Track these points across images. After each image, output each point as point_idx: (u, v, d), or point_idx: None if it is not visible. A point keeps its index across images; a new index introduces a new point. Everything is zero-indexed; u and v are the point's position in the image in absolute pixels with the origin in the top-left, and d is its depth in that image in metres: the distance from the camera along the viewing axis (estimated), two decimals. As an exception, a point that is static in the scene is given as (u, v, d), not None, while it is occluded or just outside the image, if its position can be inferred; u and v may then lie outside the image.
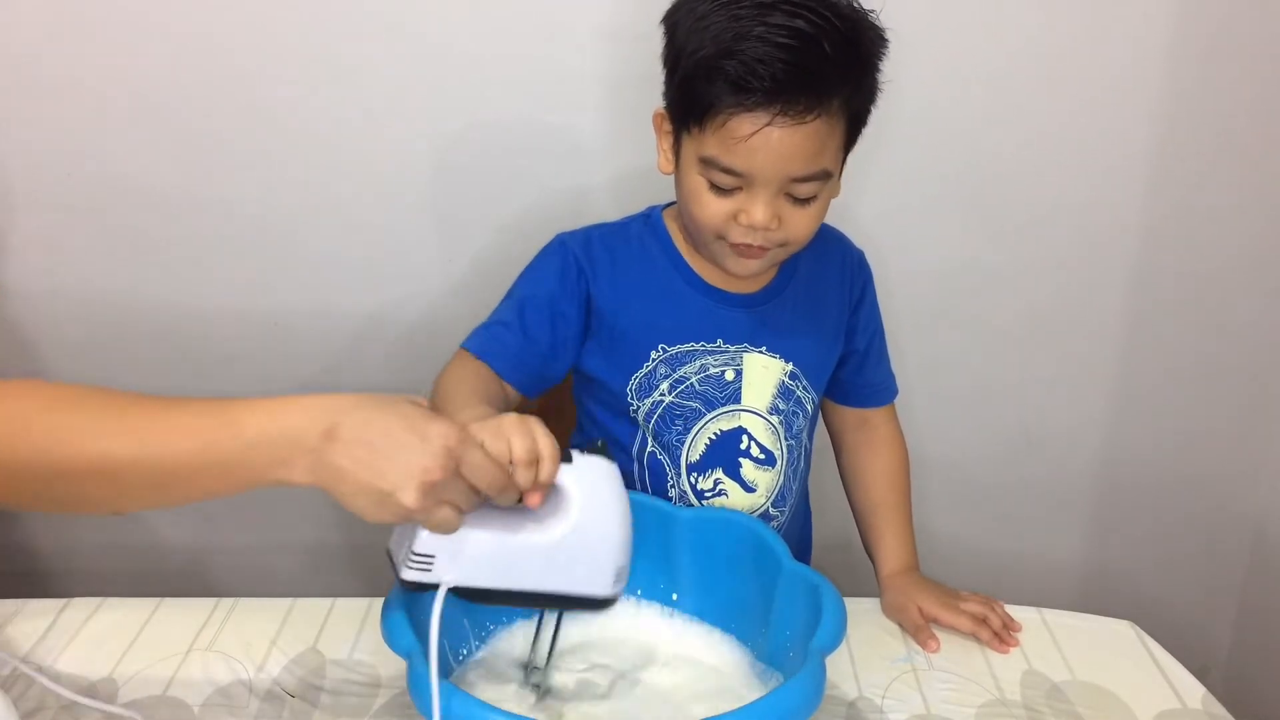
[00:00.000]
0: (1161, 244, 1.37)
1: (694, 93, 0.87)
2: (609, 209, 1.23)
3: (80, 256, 1.33)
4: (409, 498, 0.66)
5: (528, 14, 1.22)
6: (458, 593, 0.72)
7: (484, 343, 0.98)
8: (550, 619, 0.82)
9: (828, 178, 0.90)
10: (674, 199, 0.98)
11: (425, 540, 0.70)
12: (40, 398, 0.69)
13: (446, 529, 0.69)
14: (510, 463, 0.70)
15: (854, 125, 0.90)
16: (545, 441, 0.71)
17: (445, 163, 1.30)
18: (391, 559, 0.74)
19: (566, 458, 0.73)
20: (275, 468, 0.67)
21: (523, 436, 0.71)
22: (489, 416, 0.74)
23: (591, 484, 0.74)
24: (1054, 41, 1.26)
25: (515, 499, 0.72)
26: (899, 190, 1.32)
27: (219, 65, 1.24)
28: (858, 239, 1.11)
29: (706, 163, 0.89)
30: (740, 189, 0.89)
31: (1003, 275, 1.39)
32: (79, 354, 1.38)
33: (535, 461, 0.71)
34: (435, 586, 0.71)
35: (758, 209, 0.89)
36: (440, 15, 1.22)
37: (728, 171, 0.88)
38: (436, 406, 0.72)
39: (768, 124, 0.84)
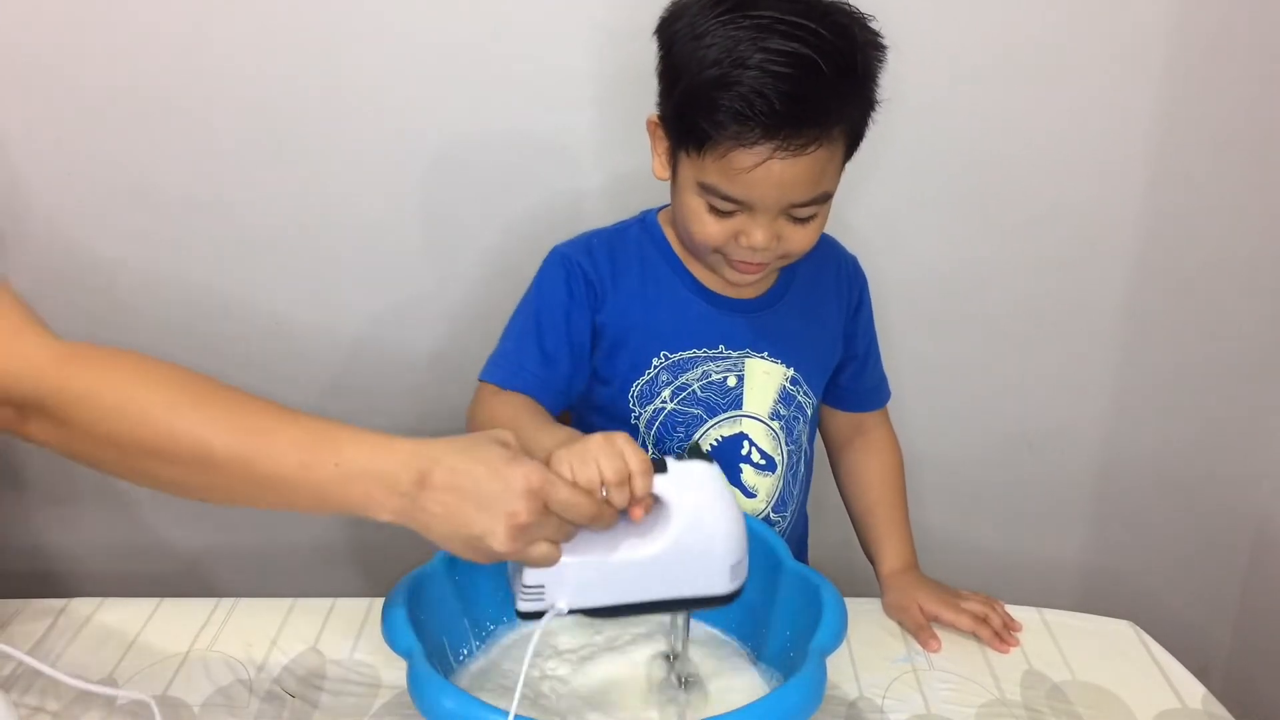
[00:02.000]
0: (1161, 244, 1.37)
1: (693, 121, 0.86)
2: (607, 209, 1.23)
3: (80, 256, 1.33)
4: (499, 543, 0.68)
5: (526, 14, 1.22)
6: (577, 612, 0.73)
7: (508, 374, 0.97)
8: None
9: (827, 198, 0.90)
10: (669, 201, 0.98)
11: (531, 573, 0.72)
12: (161, 378, 0.72)
13: (546, 563, 0.70)
14: (602, 484, 0.70)
15: (853, 142, 0.90)
16: (635, 457, 0.71)
17: (444, 163, 1.30)
18: (510, 587, 0.75)
19: (661, 468, 0.73)
20: (365, 504, 0.70)
21: (610, 458, 0.71)
22: (572, 440, 0.74)
23: (691, 489, 0.73)
24: (1053, 41, 1.26)
25: (615, 521, 0.72)
26: (897, 190, 1.32)
27: (219, 66, 1.24)
28: (856, 240, 1.11)
29: (706, 188, 0.89)
30: (740, 212, 0.89)
31: (1002, 275, 1.39)
32: (79, 354, 1.38)
33: (627, 480, 0.71)
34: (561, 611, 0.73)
35: (757, 232, 0.89)
36: (440, 16, 1.22)
37: (728, 199, 0.88)
38: (521, 441, 0.73)
39: (769, 158, 0.84)
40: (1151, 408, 1.47)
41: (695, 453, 0.76)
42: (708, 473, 0.74)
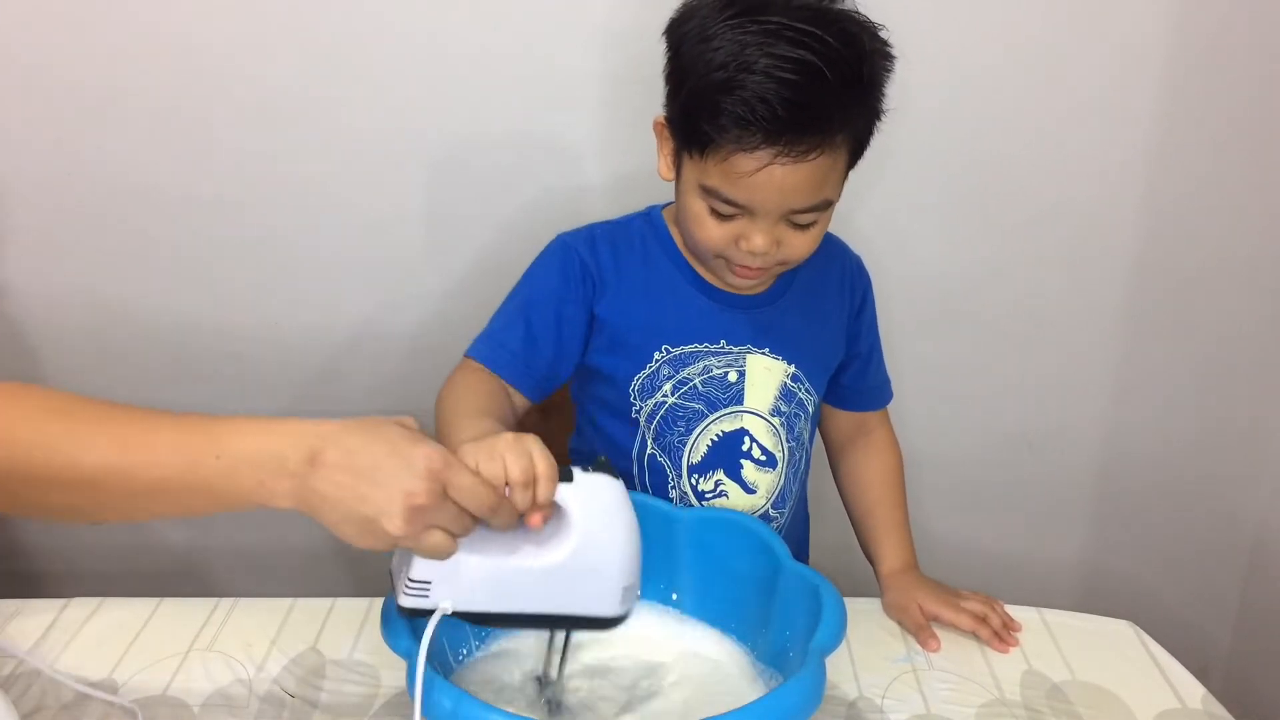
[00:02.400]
0: (1161, 244, 1.37)
1: (697, 123, 0.86)
2: (608, 208, 1.23)
3: (80, 257, 1.33)
4: (393, 524, 0.65)
5: (528, 14, 1.22)
6: (460, 615, 0.71)
7: (489, 350, 0.97)
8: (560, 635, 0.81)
9: (829, 205, 0.91)
10: (673, 199, 0.98)
11: (420, 567, 0.69)
12: (26, 404, 0.69)
13: (438, 554, 0.68)
14: (506, 484, 0.69)
15: (857, 151, 0.90)
16: (542, 461, 0.69)
17: (444, 163, 1.30)
18: (392, 582, 0.73)
19: (568, 476, 0.71)
20: (257, 491, 0.66)
21: (518, 456, 0.69)
22: (486, 435, 0.72)
23: (594, 503, 0.72)
24: (1053, 42, 1.26)
25: (513, 522, 0.70)
26: (899, 191, 1.32)
27: (219, 66, 1.24)
28: (857, 240, 1.11)
29: (708, 191, 0.89)
30: (741, 216, 0.89)
31: (1002, 275, 1.39)
32: (77, 354, 1.38)
33: (532, 482, 0.69)
34: (433, 612, 0.70)
35: (758, 237, 0.89)
36: (440, 16, 1.22)
37: (729, 203, 0.88)
38: (438, 423, 0.71)
39: (770, 163, 0.84)
40: (1151, 408, 1.47)
41: (603, 467, 0.73)
42: (613, 489, 0.72)
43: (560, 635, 0.80)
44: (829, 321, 1.07)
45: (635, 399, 1.01)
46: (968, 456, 1.50)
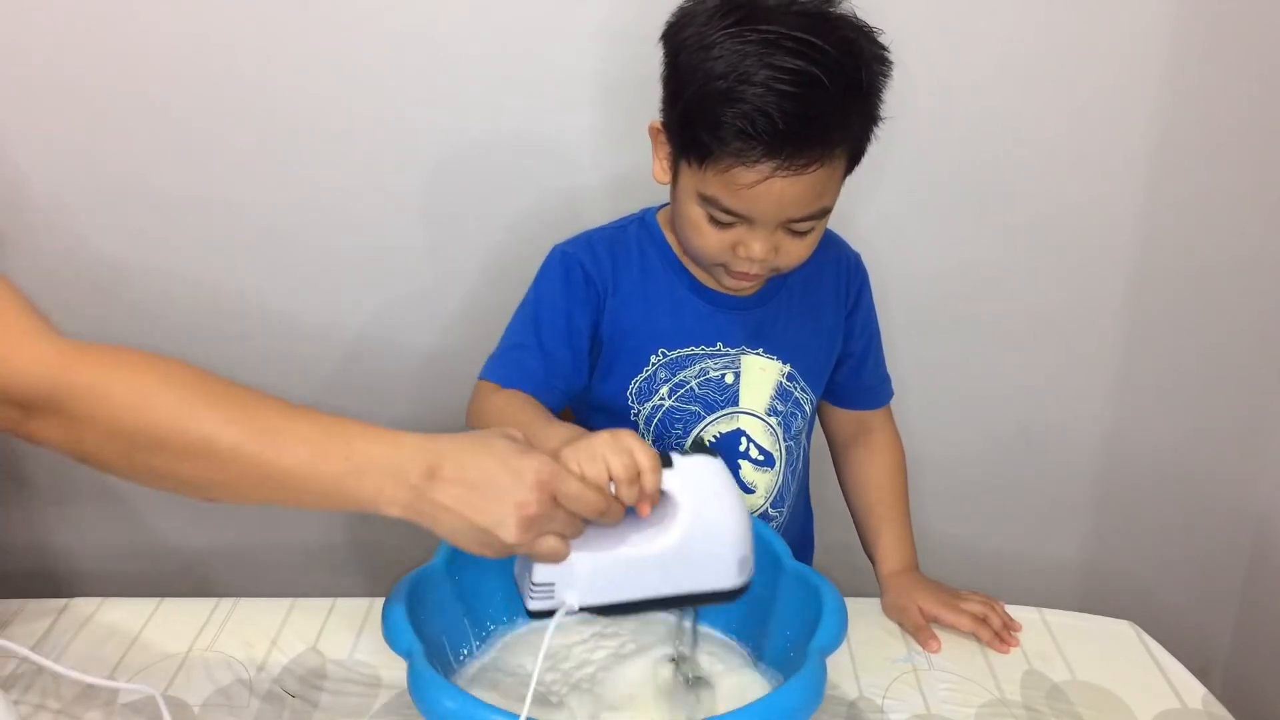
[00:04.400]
0: (1161, 244, 1.37)
1: (696, 133, 0.85)
2: (606, 208, 1.23)
3: (80, 256, 1.33)
4: (508, 534, 0.68)
5: (527, 14, 1.22)
6: (586, 610, 0.73)
7: (507, 372, 0.97)
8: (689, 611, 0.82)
9: (826, 213, 0.91)
10: (669, 200, 0.98)
11: (541, 570, 0.71)
12: (171, 374, 0.71)
13: (554, 558, 0.70)
14: (610, 480, 0.71)
15: (855, 157, 0.90)
16: (643, 453, 0.72)
17: (444, 162, 1.30)
18: (518, 587, 0.75)
19: (667, 462, 0.73)
20: (374, 498, 0.69)
21: (618, 453, 0.71)
22: (578, 437, 0.74)
23: (697, 484, 0.74)
24: (1053, 42, 1.26)
25: (621, 517, 0.72)
26: (898, 191, 1.32)
27: (219, 66, 1.24)
28: (857, 240, 1.11)
29: (706, 200, 0.88)
30: (739, 224, 0.89)
31: (1002, 275, 1.39)
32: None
33: (637, 476, 0.71)
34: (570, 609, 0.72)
35: (756, 245, 0.89)
36: (440, 17, 1.22)
37: (728, 212, 0.88)
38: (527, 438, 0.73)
39: (770, 176, 0.84)
40: (1151, 407, 1.47)
41: (699, 447, 0.76)
42: (713, 467, 0.74)
43: (687, 614, 0.81)
44: (825, 320, 1.07)
45: (633, 402, 1.01)
46: (968, 456, 1.50)
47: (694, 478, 0.74)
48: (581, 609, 0.73)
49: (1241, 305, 1.40)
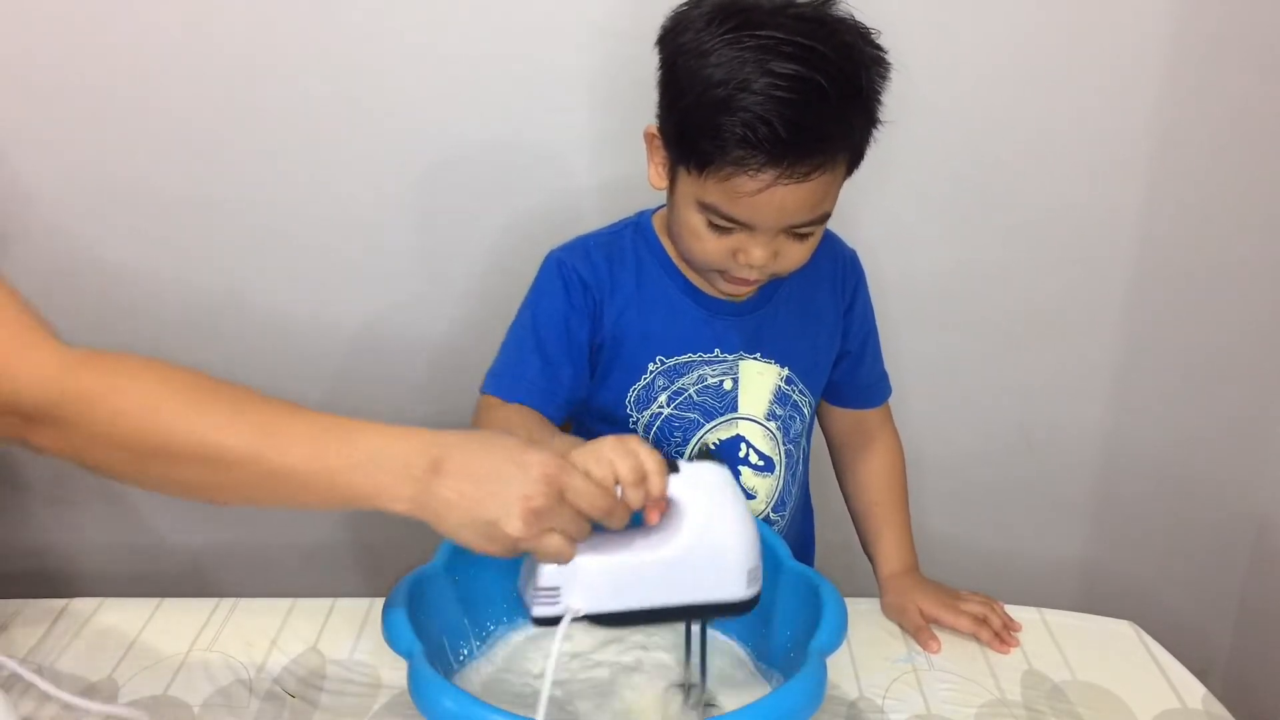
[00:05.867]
0: (1161, 244, 1.37)
1: (695, 141, 0.85)
2: (603, 209, 1.23)
3: (80, 256, 1.33)
4: (513, 526, 0.67)
5: (523, 16, 1.22)
6: (591, 618, 0.72)
7: (509, 385, 0.96)
8: (695, 629, 0.80)
9: (827, 217, 0.90)
10: (664, 203, 0.98)
11: (547, 574, 0.71)
12: (167, 377, 0.71)
13: (558, 558, 0.70)
14: (617, 484, 0.70)
15: (855, 161, 0.90)
16: (649, 458, 0.71)
17: (441, 163, 1.30)
18: (523, 600, 0.74)
19: (673, 468, 0.72)
20: (378, 494, 0.69)
21: (625, 456, 0.70)
22: (582, 443, 0.73)
23: (703, 491, 0.73)
24: (1053, 41, 1.26)
25: (626, 521, 0.71)
26: (898, 190, 1.32)
27: (218, 68, 1.24)
28: (857, 240, 1.11)
29: (706, 207, 0.88)
30: (739, 230, 0.88)
31: (1002, 275, 1.39)
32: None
33: (643, 480, 0.71)
34: (574, 618, 0.71)
35: (756, 251, 0.89)
36: (437, 18, 1.22)
37: (728, 219, 0.87)
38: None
39: (772, 184, 0.83)
40: (1151, 408, 1.47)
41: (704, 454, 0.75)
42: (719, 474, 0.74)
43: (696, 641, 0.80)
44: (823, 320, 1.07)
45: (631, 411, 1.01)
46: (968, 456, 1.50)
47: (700, 484, 0.73)
48: (587, 617, 0.72)
49: (1241, 305, 1.40)
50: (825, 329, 1.07)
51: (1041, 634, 0.98)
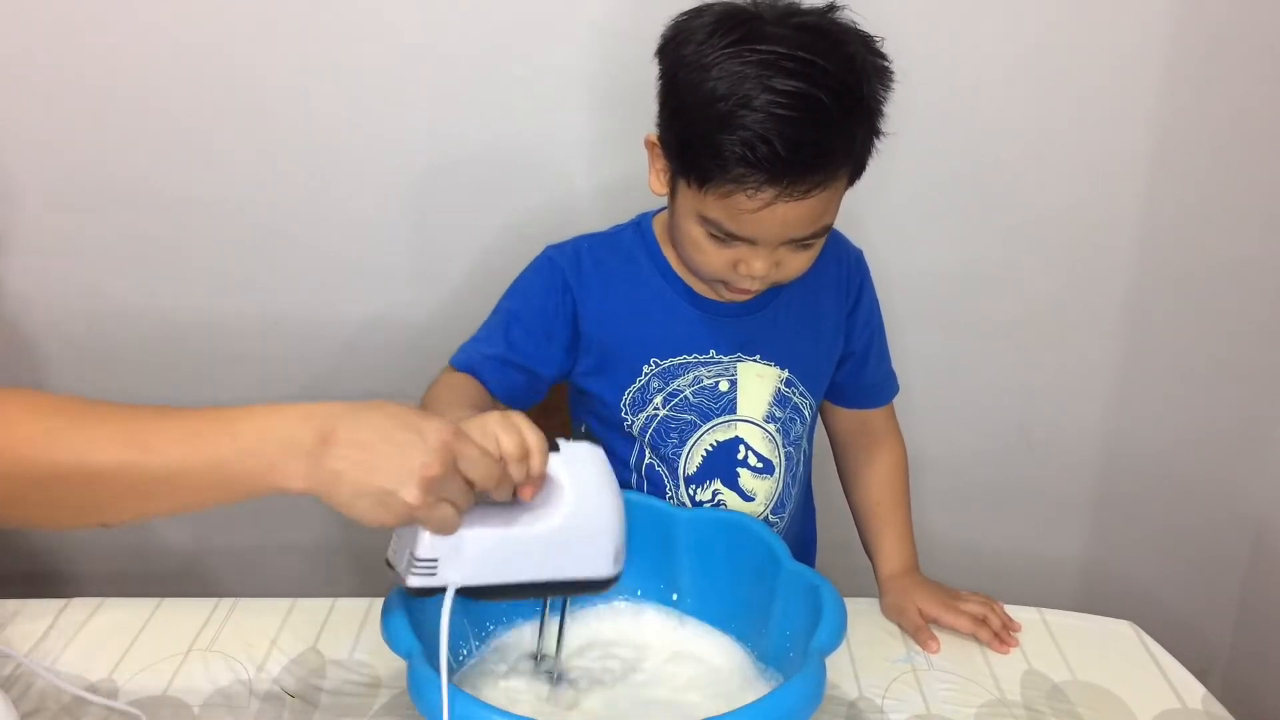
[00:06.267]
0: (1161, 244, 1.37)
1: (695, 157, 0.84)
2: (602, 210, 1.23)
3: (80, 257, 1.33)
4: (410, 494, 0.65)
5: (521, 17, 1.22)
6: (463, 592, 0.72)
7: (470, 358, 0.98)
8: (557, 606, 0.83)
9: (829, 229, 0.90)
10: (664, 205, 0.98)
11: (426, 545, 0.70)
12: (29, 405, 0.68)
13: (447, 528, 0.69)
14: (500, 458, 0.70)
15: (857, 173, 0.89)
16: (532, 435, 0.72)
17: (439, 164, 1.30)
18: (393, 568, 0.74)
19: (554, 447, 0.74)
20: (270, 474, 0.66)
21: (509, 431, 0.71)
22: (473, 416, 0.74)
23: (581, 469, 0.75)
24: (1054, 42, 1.26)
25: (510, 494, 0.72)
26: (899, 191, 1.32)
27: (217, 68, 1.24)
28: (858, 239, 1.11)
29: (708, 221, 0.88)
30: (741, 243, 0.88)
31: (1003, 275, 1.39)
32: (78, 354, 1.38)
33: (525, 455, 0.71)
34: (442, 590, 0.71)
35: (758, 263, 0.89)
36: (435, 20, 1.22)
37: (729, 234, 0.87)
38: (427, 411, 0.72)
39: (773, 202, 0.83)
40: (1152, 408, 1.47)
41: (584, 436, 0.76)
42: (596, 455, 0.76)
43: (554, 610, 0.83)
44: (825, 322, 1.06)
45: (626, 413, 1.01)
46: (968, 456, 1.50)
47: (578, 463, 0.75)
48: (461, 590, 0.72)
49: (1241, 306, 1.40)
50: (827, 331, 1.07)
51: (1041, 634, 0.98)
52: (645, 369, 1.00)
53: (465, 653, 0.86)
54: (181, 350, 1.39)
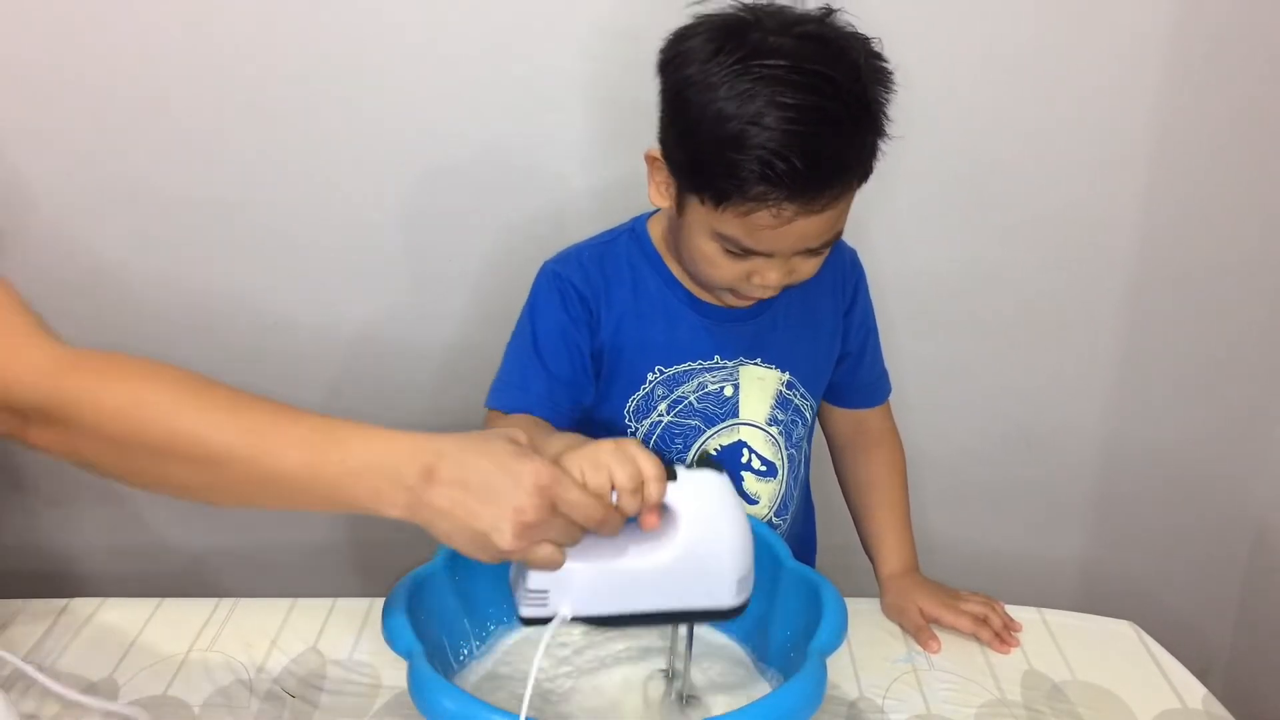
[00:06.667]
0: (1161, 244, 1.37)
1: (710, 177, 0.84)
2: (600, 210, 1.23)
3: (79, 257, 1.33)
4: (504, 540, 0.67)
5: (526, 16, 1.22)
6: (579, 620, 0.72)
7: (512, 397, 0.96)
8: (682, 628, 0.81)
9: (840, 235, 0.90)
10: (658, 208, 0.97)
11: (536, 577, 0.71)
12: (161, 378, 0.71)
13: (549, 566, 0.69)
14: (613, 490, 0.69)
15: (865, 177, 0.89)
16: (648, 463, 0.70)
17: (439, 164, 1.30)
18: (512, 592, 0.74)
19: (671, 475, 0.71)
20: (373, 500, 0.68)
21: (623, 463, 0.70)
22: (581, 444, 0.72)
23: (699, 498, 0.72)
24: (1053, 42, 1.26)
25: (619, 529, 0.71)
26: (898, 191, 1.31)
27: (217, 68, 1.24)
28: (856, 240, 1.11)
29: (724, 238, 0.87)
30: (756, 256, 0.88)
31: (1002, 275, 1.39)
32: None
33: (640, 486, 0.70)
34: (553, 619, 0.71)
35: (772, 274, 0.88)
36: (434, 21, 1.22)
37: (747, 250, 0.87)
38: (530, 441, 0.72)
39: (793, 219, 0.83)
40: (1151, 407, 1.47)
41: (705, 461, 0.74)
42: (718, 482, 0.73)
43: (683, 632, 0.80)
44: (823, 324, 1.07)
45: (630, 420, 1.01)
46: (968, 456, 1.50)
47: (698, 492, 0.72)
48: (575, 619, 0.72)
49: (1241, 305, 1.40)
50: (826, 332, 1.07)
51: (1041, 634, 0.98)
52: (650, 376, 1.00)
53: (466, 653, 0.86)
54: (180, 351, 1.39)
